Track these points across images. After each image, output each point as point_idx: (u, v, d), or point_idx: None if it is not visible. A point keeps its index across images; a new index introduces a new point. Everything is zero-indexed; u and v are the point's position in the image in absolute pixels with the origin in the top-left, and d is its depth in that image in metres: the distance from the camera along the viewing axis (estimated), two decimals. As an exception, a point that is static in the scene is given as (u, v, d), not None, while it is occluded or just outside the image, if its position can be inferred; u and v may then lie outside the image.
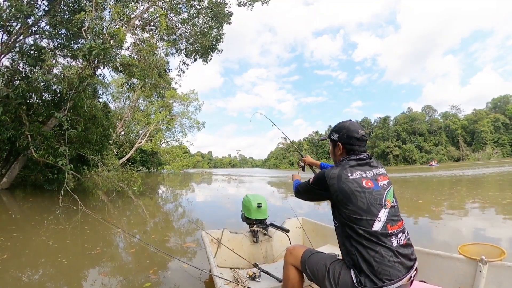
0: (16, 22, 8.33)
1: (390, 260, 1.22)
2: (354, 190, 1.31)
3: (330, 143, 1.64)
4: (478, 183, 12.37)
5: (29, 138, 7.98)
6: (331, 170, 1.41)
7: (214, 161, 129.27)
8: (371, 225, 1.26)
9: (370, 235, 1.25)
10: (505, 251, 1.73)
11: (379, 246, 1.24)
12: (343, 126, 1.56)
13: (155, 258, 3.39)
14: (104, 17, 7.59)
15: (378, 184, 1.37)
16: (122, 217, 6.29)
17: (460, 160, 66.32)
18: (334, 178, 1.37)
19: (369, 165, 1.45)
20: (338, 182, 1.35)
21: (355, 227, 1.27)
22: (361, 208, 1.28)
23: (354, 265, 1.28)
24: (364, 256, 1.23)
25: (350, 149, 1.51)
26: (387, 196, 1.35)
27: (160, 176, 27.49)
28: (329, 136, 1.64)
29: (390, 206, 1.33)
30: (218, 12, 11.50)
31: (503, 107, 69.15)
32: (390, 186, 1.41)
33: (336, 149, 1.58)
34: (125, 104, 28.29)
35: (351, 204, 1.30)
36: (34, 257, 3.41)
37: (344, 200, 1.32)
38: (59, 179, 8.16)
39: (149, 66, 9.17)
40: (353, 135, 1.50)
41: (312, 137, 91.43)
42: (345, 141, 1.52)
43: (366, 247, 1.24)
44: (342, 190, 1.32)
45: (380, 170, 1.46)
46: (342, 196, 1.32)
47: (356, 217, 1.28)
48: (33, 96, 8.97)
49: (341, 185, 1.33)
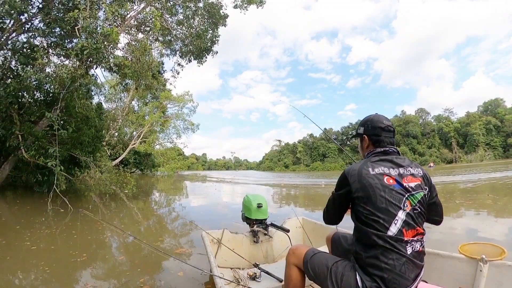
0: (9, 19, 8.17)
1: (402, 269, 1.17)
2: (375, 187, 1.25)
3: (358, 139, 1.60)
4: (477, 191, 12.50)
5: (19, 138, 7.80)
6: (351, 166, 1.37)
7: (209, 163, 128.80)
8: (387, 228, 1.20)
9: (384, 241, 1.19)
10: (505, 250, 1.73)
11: (393, 253, 1.18)
12: (368, 119, 1.52)
13: (153, 260, 3.33)
14: (98, 17, 7.50)
15: (402, 184, 1.28)
16: (116, 219, 6.20)
17: (453, 162, 67.40)
18: (354, 174, 1.32)
19: (394, 162, 1.36)
20: (358, 177, 1.29)
21: (370, 231, 1.22)
22: (379, 208, 1.22)
23: (362, 269, 1.24)
24: (375, 262, 1.19)
25: (376, 140, 1.46)
26: (409, 199, 1.26)
27: (153, 178, 27.27)
28: (356, 132, 1.59)
29: (410, 209, 1.25)
30: (214, 14, 11.48)
31: (494, 111, 70.66)
32: (419, 190, 1.30)
33: (363, 143, 1.53)
34: (119, 105, 28.01)
35: (369, 203, 1.24)
36: (14, 265, 3.19)
37: (364, 198, 1.26)
38: (50, 181, 7.99)
39: (142, 67, 9.09)
40: (378, 125, 1.46)
41: (306, 139, 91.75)
42: (370, 133, 1.48)
43: (378, 253, 1.19)
44: (363, 186, 1.27)
45: (410, 170, 1.35)
46: (362, 193, 1.26)
47: (373, 218, 1.22)
48: (25, 95, 8.78)
49: (362, 181, 1.28)
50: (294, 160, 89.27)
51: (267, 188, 14.75)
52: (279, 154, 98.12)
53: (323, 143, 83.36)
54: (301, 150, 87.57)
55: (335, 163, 76.87)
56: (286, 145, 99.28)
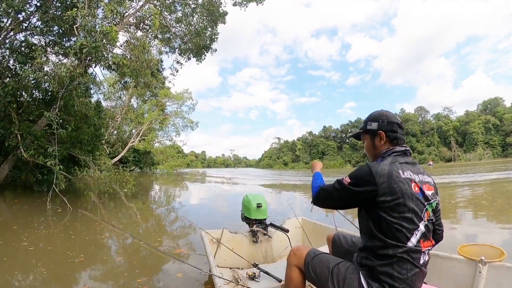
0: (7, 18, 8.13)
1: (413, 279, 1.14)
2: (405, 193, 1.13)
3: (367, 137, 1.43)
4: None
5: (19, 137, 7.79)
6: (379, 164, 1.21)
7: (208, 161, 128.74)
8: (408, 238, 1.13)
9: (402, 252, 1.12)
10: (504, 251, 1.73)
11: (408, 263, 1.13)
12: (381, 114, 1.38)
13: (152, 260, 3.32)
14: (97, 15, 7.46)
15: (424, 192, 1.20)
16: (115, 219, 6.20)
17: (452, 160, 67.47)
18: (384, 174, 1.16)
19: (415, 166, 1.27)
20: (389, 179, 1.15)
21: (389, 242, 1.13)
22: (405, 218, 1.12)
23: (371, 275, 1.20)
24: (387, 270, 1.14)
25: (394, 137, 1.33)
26: (428, 209, 1.20)
27: (153, 176, 27.26)
28: (364, 128, 1.43)
29: (427, 220, 1.19)
30: (213, 11, 11.44)
31: (493, 109, 70.73)
32: (435, 199, 1.25)
33: (376, 140, 1.38)
34: (118, 103, 27.97)
35: (396, 210, 1.12)
36: (10, 267, 3.14)
37: (390, 204, 1.13)
38: (49, 180, 7.99)
39: (141, 65, 9.07)
40: (394, 121, 1.34)
41: (305, 137, 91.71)
42: (387, 128, 1.34)
43: (393, 262, 1.13)
44: (392, 190, 1.13)
45: (425, 178, 1.26)
46: (390, 198, 1.13)
47: (396, 227, 1.12)
48: (24, 94, 8.76)
49: (392, 184, 1.14)
50: (293, 158, 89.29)
51: (269, 190, 14.76)
52: (278, 152, 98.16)
53: (322, 140, 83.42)
54: (300, 148, 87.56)
55: (334, 161, 76.93)
56: (285, 143, 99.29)
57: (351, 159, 74.76)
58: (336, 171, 38.61)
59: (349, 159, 75.57)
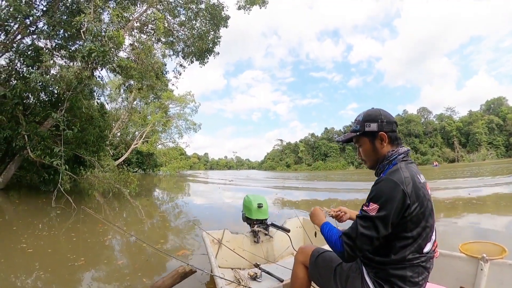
0: (14, 22, 8.28)
1: (421, 281, 1.13)
2: (427, 199, 1.08)
3: (365, 140, 1.28)
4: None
5: (25, 138, 7.90)
6: (398, 172, 1.08)
7: (211, 163, 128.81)
8: (424, 245, 1.10)
9: (418, 258, 1.10)
10: (506, 249, 1.73)
11: (420, 268, 1.11)
12: (378, 113, 1.25)
13: (154, 262, 3.31)
14: (103, 19, 7.59)
15: (429, 194, 1.15)
16: (118, 219, 6.23)
17: (455, 161, 66.89)
18: (409, 183, 1.05)
19: (417, 167, 1.22)
20: (415, 188, 1.05)
21: (408, 249, 1.09)
22: (425, 227, 1.07)
23: (380, 275, 1.16)
24: (399, 273, 1.11)
25: (395, 137, 1.23)
26: (433, 210, 1.15)
27: (156, 177, 27.33)
28: (362, 130, 1.27)
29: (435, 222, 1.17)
30: (216, 15, 11.54)
31: (496, 109, 70.12)
32: None
33: (377, 142, 1.24)
34: (122, 105, 28.17)
35: (423, 220, 1.06)
36: (7, 270, 3.01)
37: (418, 215, 1.04)
38: (55, 180, 8.09)
39: (146, 68, 9.19)
40: (393, 120, 1.25)
41: (308, 138, 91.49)
42: (387, 129, 1.22)
43: (406, 266, 1.10)
44: (420, 199, 1.05)
45: (423, 177, 1.20)
46: (419, 209, 1.04)
47: (418, 236, 1.07)
48: (30, 96, 8.89)
49: (418, 192, 1.05)
50: (296, 160, 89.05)
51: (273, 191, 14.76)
52: (280, 154, 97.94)
53: (325, 142, 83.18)
54: (302, 150, 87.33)
55: (336, 163, 76.66)
56: (287, 145, 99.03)
57: (354, 161, 74.42)
58: (340, 173, 38.33)
59: (351, 161, 75.23)
